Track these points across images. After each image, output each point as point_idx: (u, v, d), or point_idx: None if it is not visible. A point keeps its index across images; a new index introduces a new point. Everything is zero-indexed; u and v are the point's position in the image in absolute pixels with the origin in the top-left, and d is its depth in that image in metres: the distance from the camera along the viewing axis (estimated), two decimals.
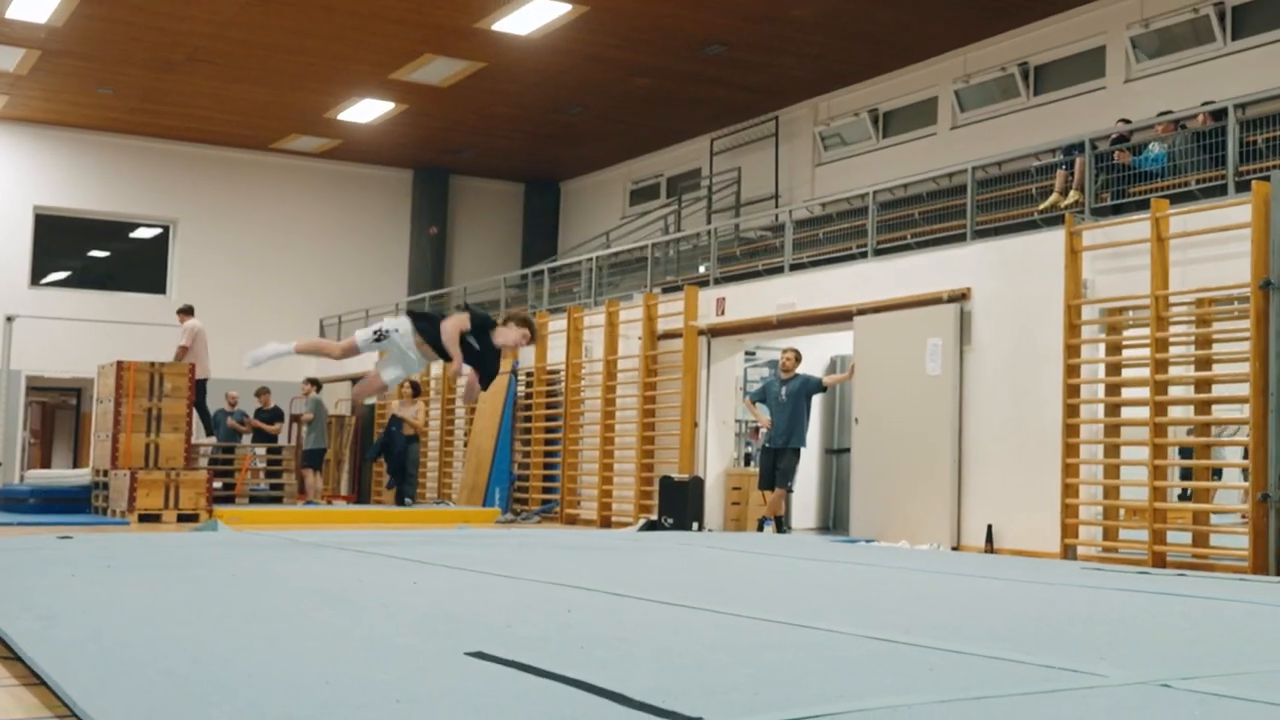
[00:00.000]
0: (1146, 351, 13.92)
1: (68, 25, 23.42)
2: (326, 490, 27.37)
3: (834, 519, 21.62)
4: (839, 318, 18.33)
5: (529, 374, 24.64)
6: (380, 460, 26.85)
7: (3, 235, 30.73)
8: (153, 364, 20.70)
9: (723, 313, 20.61)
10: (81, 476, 22.49)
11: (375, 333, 12.26)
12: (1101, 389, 14.80)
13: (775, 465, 18.12)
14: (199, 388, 22.05)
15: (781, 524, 18.52)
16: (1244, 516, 13.17)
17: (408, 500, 24.42)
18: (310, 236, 33.81)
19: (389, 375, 12.69)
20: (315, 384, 26.78)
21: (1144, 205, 14.56)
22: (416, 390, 24.87)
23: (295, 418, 27.93)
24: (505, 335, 12.28)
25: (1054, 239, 15.22)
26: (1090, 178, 15.80)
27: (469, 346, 12.11)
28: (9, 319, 24.99)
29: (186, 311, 23.01)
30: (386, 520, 21.21)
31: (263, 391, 26.41)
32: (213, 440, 24.39)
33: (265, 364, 12.29)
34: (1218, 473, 14.72)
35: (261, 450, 25.90)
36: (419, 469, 25.56)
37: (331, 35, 23.87)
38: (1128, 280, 14.38)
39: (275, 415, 26.40)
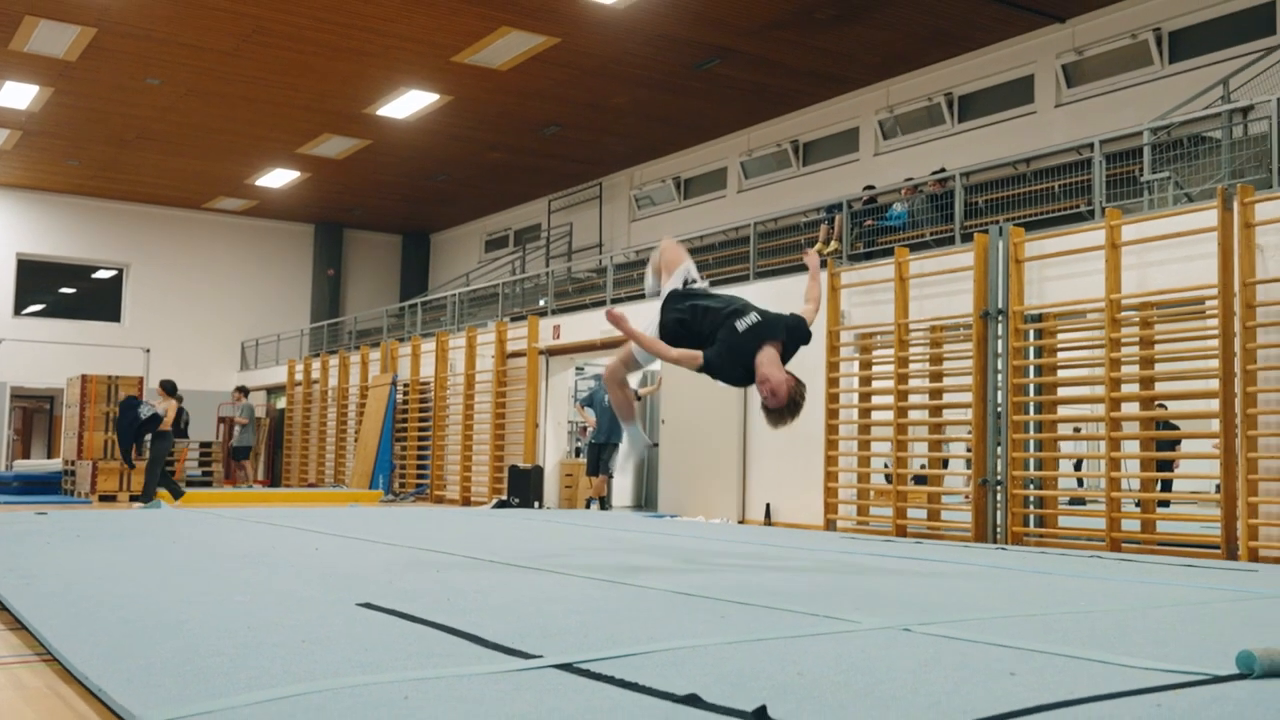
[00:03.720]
0: (891, 367, 13.89)
1: (43, 111, 23.51)
2: (255, 477, 26.86)
3: (645, 498, 21.49)
4: None
5: (405, 385, 24.36)
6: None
7: None
8: (110, 377, 21.04)
9: (558, 337, 20.38)
10: (54, 466, 22.68)
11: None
12: (856, 396, 14.67)
13: (599, 456, 18.10)
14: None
15: (604, 503, 18.46)
16: (967, 497, 13.13)
17: (142, 503, 17.76)
18: (233, 276, 33.60)
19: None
20: (244, 391, 26.77)
21: (889, 252, 14.50)
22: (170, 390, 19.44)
23: (225, 419, 28.54)
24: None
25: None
26: (847, 231, 15.75)
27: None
28: None
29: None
30: (294, 500, 20.88)
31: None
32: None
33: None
34: (946, 461, 14.70)
35: (195, 445, 25.73)
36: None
37: (251, 119, 23.86)
38: (876, 311, 14.30)
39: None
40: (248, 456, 26.20)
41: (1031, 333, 12.53)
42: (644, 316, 7.72)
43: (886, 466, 14.11)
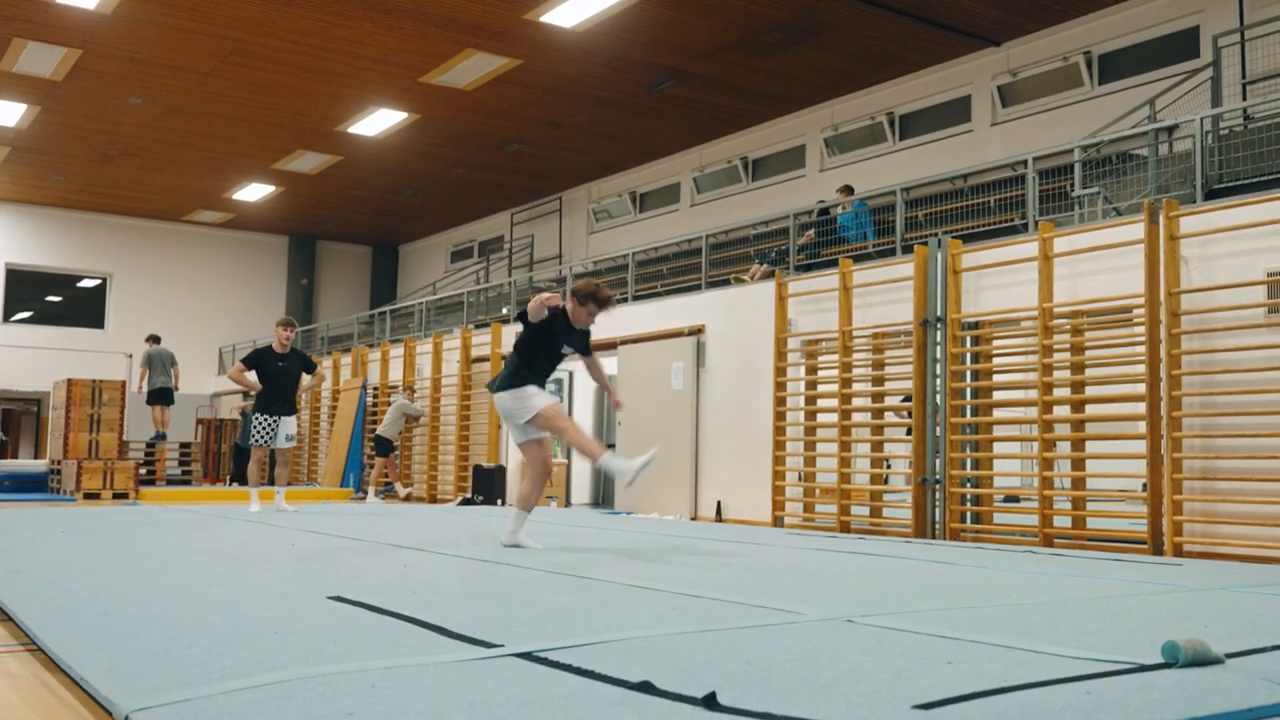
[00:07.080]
0: (835, 372, 13.87)
1: (31, 128, 23.52)
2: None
3: (602, 496, 21.47)
4: (608, 347, 18.10)
5: (375, 388, 24.25)
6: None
7: None
8: (94, 381, 20.87)
9: None
10: (41, 465, 22.56)
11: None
12: (802, 400, 14.67)
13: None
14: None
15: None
16: (907, 495, 13.15)
17: None
18: (211, 286, 33.55)
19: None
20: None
21: (834, 263, 14.52)
22: None
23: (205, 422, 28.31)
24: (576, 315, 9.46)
25: (766, 288, 15.11)
26: (793, 242, 15.74)
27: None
28: None
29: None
30: (268, 498, 20.66)
31: None
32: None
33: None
34: (888, 461, 14.71)
35: (175, 445, 25.66)
36: None
37: (228, 135, 23.82)
38: (821, 319, 14.30)
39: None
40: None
41: (968, 339, 12.56)
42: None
43: (843, 466, 14.09)
